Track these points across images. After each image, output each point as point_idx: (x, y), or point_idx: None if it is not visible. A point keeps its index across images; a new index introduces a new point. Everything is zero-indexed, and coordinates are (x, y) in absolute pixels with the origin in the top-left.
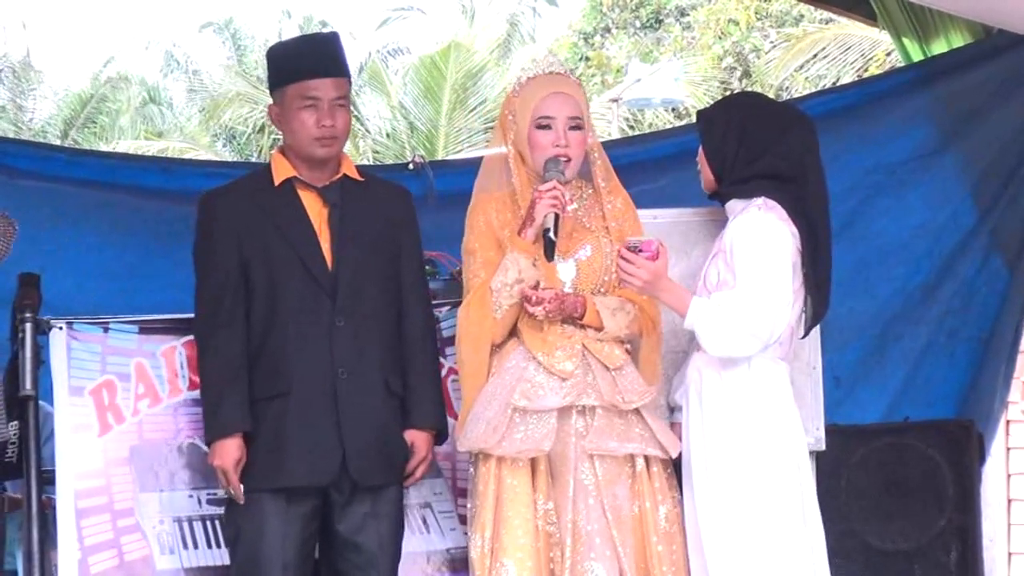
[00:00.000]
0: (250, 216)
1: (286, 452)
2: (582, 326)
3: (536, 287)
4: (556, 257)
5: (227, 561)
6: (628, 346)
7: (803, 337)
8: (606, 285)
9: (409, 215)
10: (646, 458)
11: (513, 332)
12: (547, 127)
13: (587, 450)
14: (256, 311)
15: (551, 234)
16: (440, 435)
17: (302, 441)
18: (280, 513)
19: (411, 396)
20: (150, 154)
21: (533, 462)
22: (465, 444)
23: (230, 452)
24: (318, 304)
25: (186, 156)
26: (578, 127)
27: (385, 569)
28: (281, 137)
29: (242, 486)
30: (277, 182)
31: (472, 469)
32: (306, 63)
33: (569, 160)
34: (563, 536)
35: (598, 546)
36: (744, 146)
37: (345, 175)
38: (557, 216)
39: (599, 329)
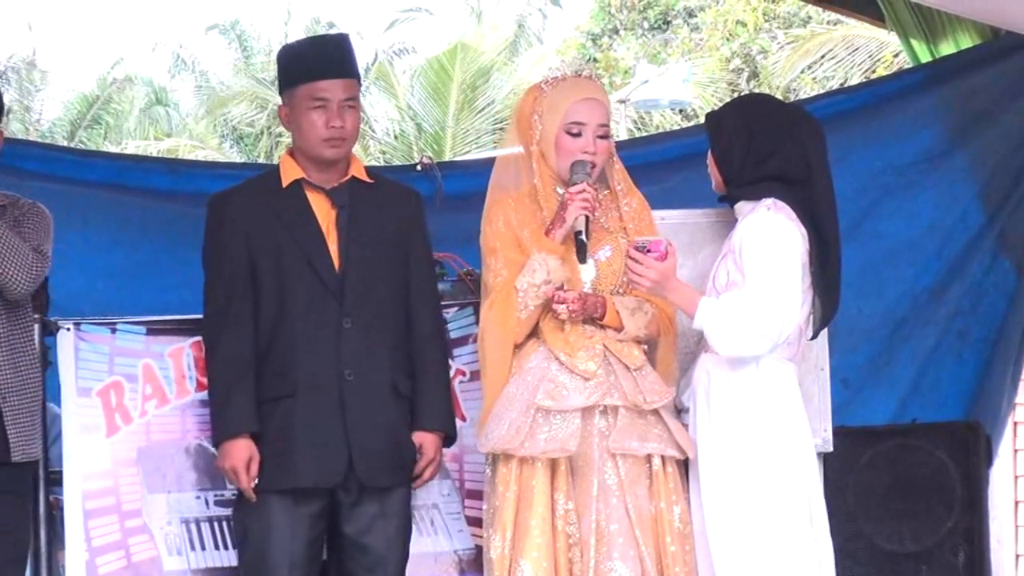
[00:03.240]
0: (259, 217)
1: (293, 453)
2: (602, 326)
3: (561, 288)
4: (575, 257)
5: (235, 562)
6: (645, 347)
7: (812, 338)
8: (624, 286)
9: (418, 216)
10: (662, 458)
11: (532, 332)
12: (578, 134)
13: (610, 450)
14: (264, 312)
15: (583, 236)
16: (449, 437)
17: (309, 442)
18: (287, 514)
19: (420, 398)
20: (159, 154)
21: (553, 462)
22: (487, 446)
23: (239, 452)
24: (326, 306)
25: (194, 156)
26: (605, 135)
27: (393, 570)
28: (282, 138)
29: (256, 481)
30: (285, 183)
31: (489, 470)
32: (316, 64)
33: (595, 166)
34: (586, 536)
35: (621, 546)
36: (751, 148)
37: (354, 176)
38: (587, 218)
39: (619, 329)
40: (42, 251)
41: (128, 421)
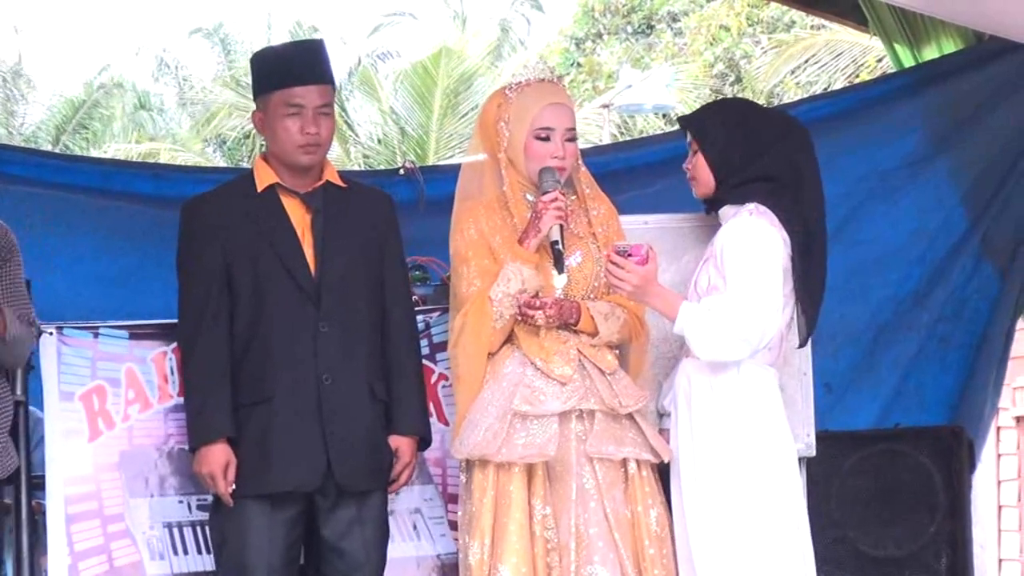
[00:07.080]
0: (233, 222)
1: (270, 458)
2: (576, 332)
3: (535, 296)
4: (549, 265)
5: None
6: (617, 351)
7: (800, 346)
8: (596, 291)
9: (391, 220)
10: (637, 462)
11: (507, 338)
12: (546, 139)
13: (588, 454)
14: (240, 317)
15: (560, 246)
16: (424, 441)
17: (286, 447)
18: (264, 518)
19: (395, 402)
20: (139, 157)
21: (530, 467)
22: (463, 451)
23: (216, 457)
24: (302, 310)
25: (178, 160)
26: (573, 139)
27: (370, 575)
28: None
29: (233, 486)
30: (260, 188)
31: (464, 476)
32: (291, 70)
33: (563, 171)
34: (565, 541)
35: (601, 549)
36: (747, 146)
37: (328, 181)
38: (562, 227)
39: (593, 334)
40: (32, 320)
41: (111, 426)
